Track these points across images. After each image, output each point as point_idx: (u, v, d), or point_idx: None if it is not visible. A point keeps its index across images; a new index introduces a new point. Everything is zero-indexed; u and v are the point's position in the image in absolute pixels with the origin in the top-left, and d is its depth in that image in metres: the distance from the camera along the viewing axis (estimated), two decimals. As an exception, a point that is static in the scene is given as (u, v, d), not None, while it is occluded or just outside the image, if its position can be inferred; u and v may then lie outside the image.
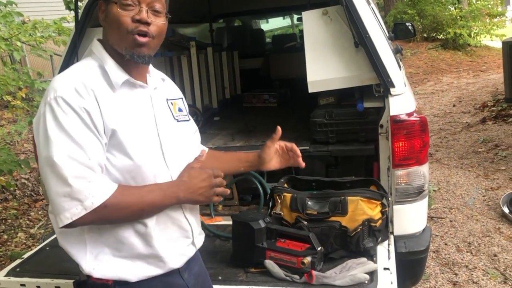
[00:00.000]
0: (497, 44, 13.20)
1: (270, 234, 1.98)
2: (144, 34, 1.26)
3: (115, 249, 1.27)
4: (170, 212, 1.33)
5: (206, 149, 1.65)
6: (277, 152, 1.66)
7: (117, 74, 1.28)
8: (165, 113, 1.40)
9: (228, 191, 1.41)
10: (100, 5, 1.31)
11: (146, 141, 1.29)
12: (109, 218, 1.22)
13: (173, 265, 1.35)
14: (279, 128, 1.63)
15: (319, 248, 1.88)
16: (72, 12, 4.56)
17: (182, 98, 1.53)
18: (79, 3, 2.57)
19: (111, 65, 1.28)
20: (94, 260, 1.27)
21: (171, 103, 1.45)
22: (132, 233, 1.27)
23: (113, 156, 1.23)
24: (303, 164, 1.68)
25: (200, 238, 1.47)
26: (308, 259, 1.84)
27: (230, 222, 2.42)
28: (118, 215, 1.22)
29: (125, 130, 1.24)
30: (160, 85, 1.43)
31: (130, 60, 1.28)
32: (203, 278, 1.54)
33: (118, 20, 1.25)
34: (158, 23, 1.30)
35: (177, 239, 1.37)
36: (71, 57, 2.53)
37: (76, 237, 1.27)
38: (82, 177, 1.15)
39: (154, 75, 1.42)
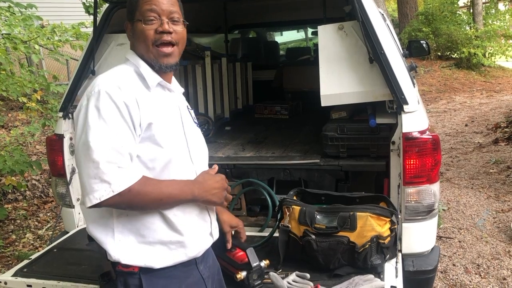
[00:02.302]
0: (512, 65, 13.16)
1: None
2: (168, 44, 1.43)
3: (140, 236, 1.38)
4: (196, 204, 1.46)
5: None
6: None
7: (152, 76, 1.44)
8: (188, 117, 1.56)
9: (231, 197, 1.55)
10: (127, 25, 1.49)
11: (176, 136, 1.44)
12: (131, 203, 1.32)
13: (193, 253, 1.46)
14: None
15: (254, 264, 1.86)
16: (91, 17, 4.65)
17: (193, 110, 1.70)
18: (98, 9, 2.61)
19: (146, 69, 1.44)
20: (121, 247, 1.37)
21: (190, 110, 1.63)
22: (159, 218, 1.39)
23: (147, 147, 1.35)
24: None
25: (216, 231, 1.60)
26: (242, 274, 1.85)
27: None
28: (139, 201, 1.32)
29: (159, 123, 1.37)
30: (180, 93, 1.60)
31: (155, 67, 1.45)
32: (215, 271, 1.64)
33: (144, 34, 1.42)
34: (178, 30, 1.45)
35: (199, 228, 1.49)
36: (87, 62, 2.57)
37: (104, 224, 1.38)
38: (113, 162, 1.26)
39: (175, 84, 1.58)
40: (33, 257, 2.31)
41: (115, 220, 1.37)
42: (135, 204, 1.32)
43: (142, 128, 1.34)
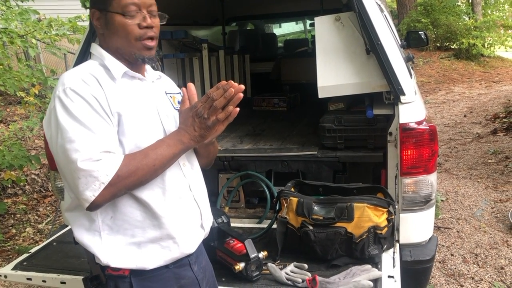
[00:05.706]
0: (511, 55, 13.10)
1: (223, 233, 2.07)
2: (152, 38, 1.38)
3: (129, 236, 1.32)
4: (180, 194, 1.40)
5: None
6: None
7: (117, 66, 1.37)
8: (165, 104, 1.46)
9: (232, 108, 1.34)
10: (94, 13, 1.38)
11: (149, 126, 1.36)
12: (127, 186, 1.25)
13: (185, 247, 1.40)
14: (189, 85, 1.44)
15: (252, 256, 1.89)
16: (87, 10, 4.61)
17: (180, 93, 1.56)
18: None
19: (110, 60, 1.37)
20: (110, 251, 1.31)
21: (170, 96, 1.52)
22: (145, 217, 1.33)
23: (119, 142, 1.29)
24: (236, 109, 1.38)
25: (208, 223, 1.52)
26: (240, 266, 1.87)
27: (236, 224, 2.43)
28: (134, 180, 1.25)
29: (128, 115, 1.31)
30: (157, 80, 1.51)
31: (135, 60, 1.38)
32: (209, 273, 1.59)
33: (126, 28, 1.34)
34: (157, 24, 1.40)
35: (187, 220, 1.42)
36: (84, 55, 2.56)
37: (90, 228, 1.33)
38: (92, 157, 1.19)
39: (151, 72, 1.50)
40: (33, 250, 2.33)
41: (101, 223, 1.31)
42: (132, 184, 1.26)
43: (115, 118, 1.28)
